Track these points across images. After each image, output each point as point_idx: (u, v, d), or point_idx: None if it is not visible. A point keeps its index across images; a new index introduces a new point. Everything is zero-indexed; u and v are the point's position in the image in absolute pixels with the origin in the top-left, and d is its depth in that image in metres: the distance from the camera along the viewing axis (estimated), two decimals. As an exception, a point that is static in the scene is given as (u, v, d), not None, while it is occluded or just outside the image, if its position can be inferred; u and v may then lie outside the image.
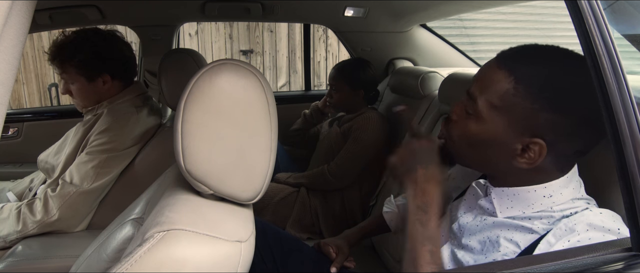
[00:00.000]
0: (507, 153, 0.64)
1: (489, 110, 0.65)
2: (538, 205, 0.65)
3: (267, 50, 4.32)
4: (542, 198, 0.65)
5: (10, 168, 1.88)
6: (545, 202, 0.65)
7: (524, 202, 0.66)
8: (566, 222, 0.61)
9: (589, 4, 0.58)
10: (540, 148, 0.62)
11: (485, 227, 0.69)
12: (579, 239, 0.58)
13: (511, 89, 0.62)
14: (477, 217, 0.72)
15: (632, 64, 0.67)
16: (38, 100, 3.91)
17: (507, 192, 0.68)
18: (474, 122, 0.67)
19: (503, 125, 0.64)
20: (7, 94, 0.42)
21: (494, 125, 0.64)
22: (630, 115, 0.56)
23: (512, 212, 0.67)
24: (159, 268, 0.47)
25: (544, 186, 0.65)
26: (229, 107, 0.55)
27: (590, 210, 0.62)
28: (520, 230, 0.65)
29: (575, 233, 0.59)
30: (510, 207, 0.67)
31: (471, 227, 0.72)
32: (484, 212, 0.71)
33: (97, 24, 1.63)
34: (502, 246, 0.65)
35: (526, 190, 0.66)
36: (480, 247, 0.68)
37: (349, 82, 1.73)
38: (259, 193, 0.60)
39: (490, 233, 0.68)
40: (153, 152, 1.33)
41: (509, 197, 0.67)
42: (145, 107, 1.38)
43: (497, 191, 0.69)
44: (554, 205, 0.64)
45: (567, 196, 0.64)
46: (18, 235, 1.19)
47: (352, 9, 1.88)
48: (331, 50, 4.45)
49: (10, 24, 0.41)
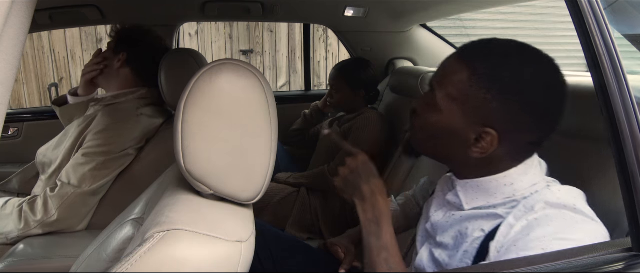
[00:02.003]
0: (463, 143, 0.66)
1: (446, 100, 0.67)
2: (500, 194, 0.67)
3: (267, 50, 4.32)
4: (503, 187, 0.67)
5: (10, 168, 1.87)
6: (507, 190, 0.66)
7: (487, 192, 0.68)
8: (525, 203, 0.63)
9: (589, 4, 0.58)
10: (492, 138, 0.64)
11: (454, 221, 0.71)
12: (536, 217, 0.60)
13: (466, 80, 0.65)
14: (447, 213, 0.74)
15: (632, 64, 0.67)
16: (38, 100, 3.91)
17: (471, 184, 0.70)
18: (433, 113, 0.69)
19: (458, 115, 0.66)
20: (7, 94, 0.42)
21: (450, 116, 0.67)
22: (630, 115, 0.56)
23: (478, 202, 0.69)
24: (159, 268, 0.47)
25: (503, 175, 0.67)
26: (229, 107, 0.55)
27: (549, 189, 0.64)
28: (486, 218, 0.67)
29: (533, 212, 0.61)
30: (475, 198, 0.69)
31: (443, 224, 0.74)
32: (452, 206, 0.74)
33: (97, 24, 1.63)
34: (469, 236, 0.67)
35: (488, 181, 0.68)
36: (453, 242, 0.71)
37: (349, 82, 1.73)
38: (259, 193, 0.60)
39: (460, 226, 0.70)
40: (153, 152, 1.33)
41: (473, 188, 0.70)
42: (149, 108, 1.37)
43: (461, 184, 0.71)
44: (516, 192, 0.66)
45: (527, 182, 0.66)
46: (20, 234, 1.19)
47: (352, 9, 1.88)
48: (331, 50, 4.45)
49: (10, 24, 0.41)
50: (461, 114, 0.66)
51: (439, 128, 0.69)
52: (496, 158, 0.66)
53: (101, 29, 3.74)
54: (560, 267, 0.54)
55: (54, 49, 3.84)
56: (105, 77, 1.39)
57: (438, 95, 0.68)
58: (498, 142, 0.64)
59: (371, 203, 0.73)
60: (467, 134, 0.66)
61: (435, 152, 0.74)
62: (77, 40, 3.85)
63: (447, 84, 0.67)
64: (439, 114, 0.68)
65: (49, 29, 1.80)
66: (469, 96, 0.65)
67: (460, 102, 0.66)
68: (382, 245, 0.69)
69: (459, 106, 0.66)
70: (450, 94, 0.67)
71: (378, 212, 0.72)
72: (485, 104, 0.63)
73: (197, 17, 2.12)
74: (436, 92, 0.69)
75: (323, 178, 1.66)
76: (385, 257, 0.68)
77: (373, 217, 0.72)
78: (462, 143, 0.67)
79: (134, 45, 1.38)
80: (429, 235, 0.78)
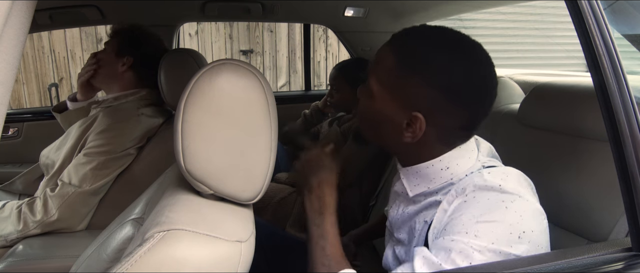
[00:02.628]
0: (396, 129, 0.67)
1: (377, 86, 0.69)
2: (438, 178, 0.68)
3: (267, 50, 4.32)
4: (440, 171, 0.68)
5: (10, 168, 1.87)
6: (444, 174, 0.67)
7: (426, 177, 0.69)
8: (456, 187, 0.64)
9: (589, 4, 0.58)
10: (420, 122, 0.64)
11: (406, 217, 0.73)
12: (465, 200, 0.61)
13: (393, 66, 0.66)
14: (399, 207, 0.76)
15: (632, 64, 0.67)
16: (38, 100, 3.91)
17: (411, 170, 0.71)
18: (368, 100, 0.71)
19: (388, 100, 0.67)
20: (7, 94, 0.42)
21: (381, 101, 0.68)
22: (630, 115, 0.56)
23: (420, 188, 0.70)
24: (159, 268, 0.47)
25: (438, 159, 0.68)
26: (229, 107, 0.55)
27: (479, 172, 0.64)
28: (428, 208, 0.68)
29: (463, 195, 0.62)
30: (417, 184, 0.71)
31: (397, 220, 0.76)
32: (402, 197, 0.75)
33: (97, 24, 1.63)
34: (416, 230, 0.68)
35: (425, 166, 0.69)
36: (407, 237, 0.72)
37: (350, 82, 1.73)
38: (259, 193, 0.60)
39: (410, 222, 0.71)
40: (153, 152, 1.33)
41: (413, 174, 0.71)
42: (149, 108, 1.37)
43: (404, 171, 0.73)
44: (454, 176, 0.67)
45: (464, 166, 0.67)
46: (19, 235, 1.19)
47: (352, 9, 1.88)
48: (331, 50, 4.45)
49: (10, 24, 0.41)
50: (390, 99, 0.67)
51: (373, 114, 0.70)
52: (428, 143, 0.67)
53: (101, 29, 3.74)
54: (560, 267, 0.54)
55: (54, 49, 3.84)
56: (107, 79, 1.38)
57: (371, 81, 0.70)
58: (426, 126, 0.65)
59: (317, 194, 0.74)
60: (399, 118, 0.66)
61: (376, 139, 0.75)
62: (77, 40, 3.85)
63: (377, 70, 0.69)
64: (372, 99, 0.69)
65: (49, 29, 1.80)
66: (396, 81, 0.66)
67: (388, 87, 0.67)
68: (321, 233, 0.70)
69: (388, 91, 0.67)
70: (380, 80, 0.68)
71: (322, 202, 0.73)
72: (410, 88, 0.65)
73: (197, 17, 2.12)
74: (369, 79, 0.70)
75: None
76: (322, 245, 0.69)
77: (317, 207, 0.73)
78: (395, 129, 0.67)
79: (140, 49, 1.38)
80: (389, 233, 0.80)
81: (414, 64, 0.65)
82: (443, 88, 0.63)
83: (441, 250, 0.58)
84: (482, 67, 0.65)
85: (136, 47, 1.37)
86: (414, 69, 0.64)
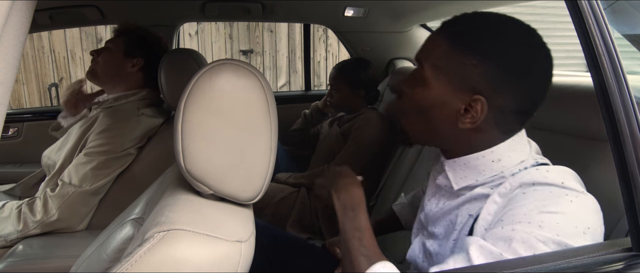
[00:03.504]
0: (452, 115, 0.66)
1: (432, 72, 0.67)
2: (489, 170, 0.66)
3: (267, 50, 4.32)
4: (491, 163, 0.66)
5: (10, 168, 1.87)
6: (495, 166, 0.66)
7: (475, 169, 0.67)
8: (511, 180, 0.62)
9: (589, 4, 0.58)
10: (482, 104, 0.63)
11: (446, 211, 0.71)
12: (525, 192, 0.59)
13: (447, 49, 0.66)
14: (439, 201, 0.74)
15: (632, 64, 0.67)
16: (38, 100, 3.91)
17: (459, 162, 0.69)
18: (420, 88, 0.69)
19: (444, 84, 0.66)
20: (7, 94, 0.42)
21: (437, 87, 0.67)
22: (630, 115, 0.56)
23: (467, 181, 0.68)
24: (159, 268, 0.47)
25: (490, 151, 0.66)
26: (229, 107, 0.55)
27: (537, 169, 0.63)
28: (474, 201, 0.67)
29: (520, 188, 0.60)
30: (464, 176, 0.69)
31: (435, 214, 0.74)
32: (443, 190, 0.74)
33: (97, 24, 1.63)
34: (458, 224, 0.67)
35: (475, 157, 0.67)
36: (444, 231, 0.71)
37: (349, 82, 1.73)
38: (259, 193, 0.60)
39: (451, 215, 0.70)
40: (153, 152, 1.33)
41: (461, 166, 0.69)
42: (149, 108, 1.37)
43: (449, 163, 0.71)
44: (505, 169, 0.65)
45: (516, 158, 0.65)
46: (19, 235, 1.19)
47: (352, 9, 1.88)
48: (331, 50, 4.45)
49: (10, 24, 0.41)
50: (447, 83, 0.66)
51: (426, 101, 0.68)
52: (484, 130, 0.66)
53: (101, 29, 3.75)
54: (560, 267, 0.54)
55: (54, 49, 3.84)
56: (113, 78, 1.38)
57: (424, 68, 0.68)
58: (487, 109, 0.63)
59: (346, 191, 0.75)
60: (456, 103, 0.65)
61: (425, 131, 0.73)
62: (77, 40, 3.86)
63: (431, 56, 0.68)
64: (425, 87, 0.68)
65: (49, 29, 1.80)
66: (452, 63, 0.65)
67: (444, 71, 0.66)
68: (356, 226, 0.70)
69: (443, 75, 0.66)
70: (434, 64, 0.67)
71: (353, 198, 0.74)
72: (469, 69, 0.63)
73: (197, 17, 2.12)
74: (423, 65, 0.69)
75: (323, 178, 1.66)
76: (359, 237, 0.68)
77: (350, 203, 0.73)
78: (451, 116, 0.66)
79: (149, 50, 1.38)
80: (423, 226, 0.78)
81: (472, 43, 0.64)
82: (502, 66, 0.62)
83: (500, 240, 0.57)
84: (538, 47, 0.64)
85: (146, 48, 1.38)
86: (472, 49, 0.64)
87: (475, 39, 0.64)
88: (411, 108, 0.72)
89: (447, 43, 0.66)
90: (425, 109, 0.69)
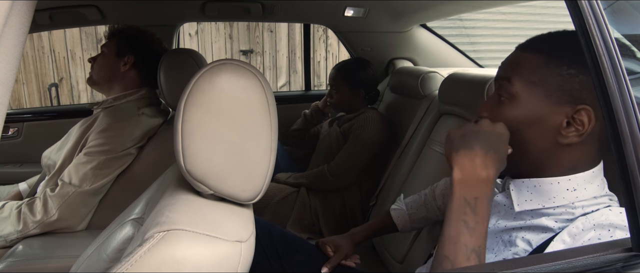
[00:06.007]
0: (551, 130, 0.62)
1: (524, 87, 0.63)
2: (560, 199, 0.62)
3: (267, 50, 4.32)
4: (565, 191, 0.62)
5: (10, 168, 1.87)
6: (568, 196, 0.62)
7: (545, 194, 0.63)
8: (583, 220, 0.59)
9: (589, 4, 0.58)
10: (588, 112, 0.60)
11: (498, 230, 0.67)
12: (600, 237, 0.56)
13: (544, 63, 0.62)
14: (493, 218, 0.70)
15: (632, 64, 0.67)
16: (38, 100, 3.91)
17: (528, 183, 0.65)
18: (509, 106, 0.65)
19: (541, 98, 0.62)
20: (7, 94, 0.42)
21: (532, 102, 0.63)
22: (630, 115, 0.56)
23: (531, 204, 0.64)
24: (159, 268, 0.47)
25: (567, 178, 0.62)
26: (229, 107, 0.54)
27: (611, 209, 0.60)
28: (533, 230, 0.63)
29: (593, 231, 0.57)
30: (529, 199, 0.64)
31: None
32: (500, 209, 0.69)
33: (97, 24, 1.63)
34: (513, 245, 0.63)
35: (549, 182, 0.63)
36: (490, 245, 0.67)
37: (349, 82, 1.73)
38: (259, 193, 0.60)
39: (503, 234, 0.66)
40: (153, 152, 1.33)
41: (529, 189, 0.65)
42: (149, 108, 1.37)
43: (516, 183, 0.66)
44: (576, 201, 0.62)
45: (590, 192, 0.62)
46: (19, 235, 1.19)
47: (352, 9, 1.88)
48: (331, 50, 4.46)
49: (10, 24, 0.41)
50: (544, 97, 0.62)
51: (521, 120, 0.63)
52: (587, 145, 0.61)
53: (101, 29, 3.75)
54: (560, 267, 0.54)
55: (54, 49, 3.84)
56: (109, 81, 1.38)
57: (515, 83, 0.63)
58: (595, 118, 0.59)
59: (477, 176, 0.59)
60: (556, 117, 0.62)
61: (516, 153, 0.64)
62: (77, 40, 3.86)
63: (523, 70, 0.63)
64: (518, 104, 0.63)
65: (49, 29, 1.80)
66: (550, 76, 0.62)
67: (541, 84, 0.62)
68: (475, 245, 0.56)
69: (540, 89, 0.62)
70: (527, 79, 0.63)
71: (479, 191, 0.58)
72: (569, 79, 0.61)
73: (197, 17, 2.12)
74: (513, 81, 0.64)
75: (323, 178, 1.66)
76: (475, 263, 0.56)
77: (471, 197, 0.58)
78: (550, 131, 0.62)
79: (141, 47, 1.38)
80: None
81: (566, 54, 0.61)
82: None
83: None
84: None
85: (136, 45, 1.38)
86: (568, 59, 0.61)
87: (569, 49, 0.61)
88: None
89: (539, 56, 0.63)
90: (519, 128, 0.64)
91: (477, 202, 0.58)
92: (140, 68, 1.38)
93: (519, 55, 0.66)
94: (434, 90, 1.61)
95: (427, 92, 1.62)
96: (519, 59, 0.65)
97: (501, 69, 0.68)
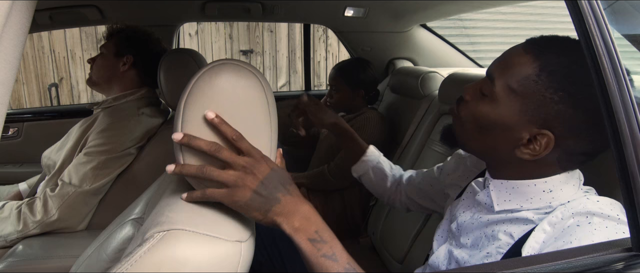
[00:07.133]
0: (512, 141, 0.63)
1: (505, 92, 0.63)
2: (537, 200, 0.64)
3: (267, 50, 4.33)
4: (541, 193, 0.64)
5: (10, 168, 1.87)
6: (545, 197, 0.63)
7: (522, 196, 0.65)
8: (562, 209, 0.60)
9: (589, 4, 0.58)
10: (548, 140, 0.60)
11: (481, 224, 0.69)
12: (578, 223, 0.57)
13: (533, 75, 0.61)
14: (475, 214, 0.71)
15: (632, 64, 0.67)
16: (38, 100, 3.92)
17: (506, 185, 0.66)
18: (487, 103, 0.65)
19: (516, 110, 0.62)
20: (7, 94, 0.42)
21: (506, 109, 0.63)
22: (630, 115, 0.56)
23: (510, 205, 0.65)
24: (159, 268, 0.47)
25: (544, 181, 0.64)
26: (229, 107, 0.54)
27: (588, 198, 0.61)
28: (515, 222, 0.64)
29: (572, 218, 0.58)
30: (508, 200, 0.66)
31: (468, 225, 0.71)
32: (481, 207, 0.71)
33: (97, 24, 1.63)
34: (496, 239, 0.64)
35: (526, 184, 0.64)
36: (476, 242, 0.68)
37: (349, 82, 1.73)
38: (259, 193, 0.60)
39: (486, 229, 0.67)
40: (153, 152, 1.33)
41: (508, 190, 0.66)
42: (149, 108, 1.37)
43: (495, 183, 0.68)
44: (553, 201, 0.63)
45: (567, 193, 0.63)
46: (19, 235, 1.19)
47: (352, 9, 1.88)
48: (331, 50, 4.46)
49: (10, 24, 0.41)
50: (519, 109, 0.62)
51: (490, 121, 0.65)
52: (543, 163, 0.63)
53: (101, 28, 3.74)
54: (560, 267, 0.54)
55: (54, 49, 3.84)
56: (108, 82, 1.38)
57: (497, 84, 0.64)
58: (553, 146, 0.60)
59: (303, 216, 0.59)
60: (521, 132, 0.62)
61: (478, 145, 0.69)
62: (77, 40, 3.86)
63: (510, 75, 0.63)
64: (494, 106, 0.64)
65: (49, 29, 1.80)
66: (533, 92, 0.61)
67: (521, 97, 0.62)
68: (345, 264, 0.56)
69: (518, 100, 0.62)
70: (511, 86, 0.62)
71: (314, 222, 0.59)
72: (549, 104, 0.60)
73: (197, 17, 2.12)
74: (495, 81, 0.64)
75: (323, 178, 1.66)
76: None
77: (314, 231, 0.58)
78: (511, 141, 0.63)
79: (140, 47, 1.38)
80: (453, 236, 0.75)
81: (561, 79, 0.59)
82: (585, 110, 0.59)
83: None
84: None
85: (135, 45, 1.38)
86: (561, 85, 0.59)
87: (568, 74, 0.60)
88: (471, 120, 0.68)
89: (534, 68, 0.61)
90: (486, 126, 0.66)
91: (319, 232, 0.57)
92: (139, 68, 1.38)
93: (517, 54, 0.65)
94: (434, 90, 1.61)
95: (427, 92, 1.62)
96: (514, 60, 0.64)
97: (493, 65, 0.68)
